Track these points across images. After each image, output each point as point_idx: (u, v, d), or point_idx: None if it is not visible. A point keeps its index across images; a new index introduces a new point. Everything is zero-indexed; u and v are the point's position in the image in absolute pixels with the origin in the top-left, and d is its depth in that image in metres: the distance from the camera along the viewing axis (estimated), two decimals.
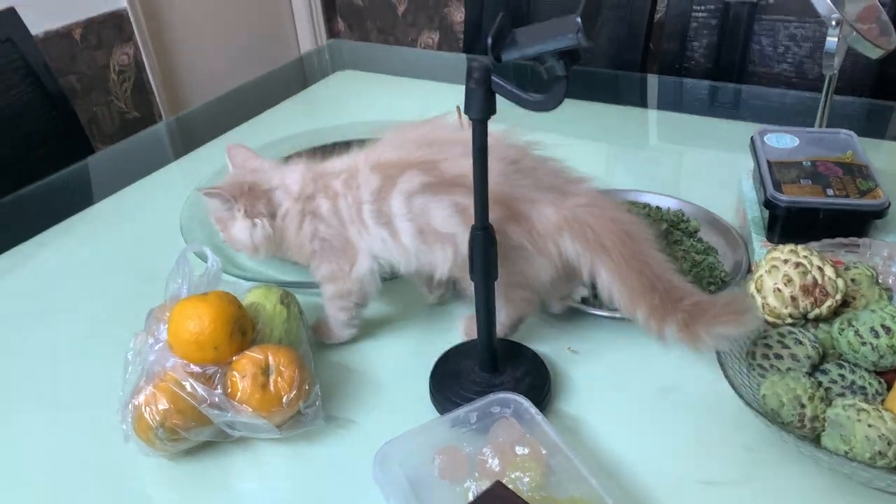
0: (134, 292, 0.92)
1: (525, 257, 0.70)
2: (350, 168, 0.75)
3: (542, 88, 0.56)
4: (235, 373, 0.69)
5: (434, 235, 0.72)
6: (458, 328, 0.81)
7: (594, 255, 0.68)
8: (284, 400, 0.68)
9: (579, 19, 0.48)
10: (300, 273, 0.86)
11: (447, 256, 0.72)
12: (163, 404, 0.66)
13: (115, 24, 2.26)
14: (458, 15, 2.85)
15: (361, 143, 0.92)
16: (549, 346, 0.79)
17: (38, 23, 1.73)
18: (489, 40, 0.52)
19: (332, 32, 3.14)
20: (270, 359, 0.70)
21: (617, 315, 0.80)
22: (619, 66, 1.54)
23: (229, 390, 0.68)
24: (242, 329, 0.71)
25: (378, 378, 0.78)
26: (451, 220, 0.70)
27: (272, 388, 0.69)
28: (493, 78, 0.55)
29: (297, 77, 1.69)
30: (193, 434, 0.68)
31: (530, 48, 0.51)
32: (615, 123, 1.32)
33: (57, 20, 2.10)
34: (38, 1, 1.99)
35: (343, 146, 0.83)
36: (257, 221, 0.77)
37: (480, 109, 0.57)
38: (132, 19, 2.30)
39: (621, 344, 0.79)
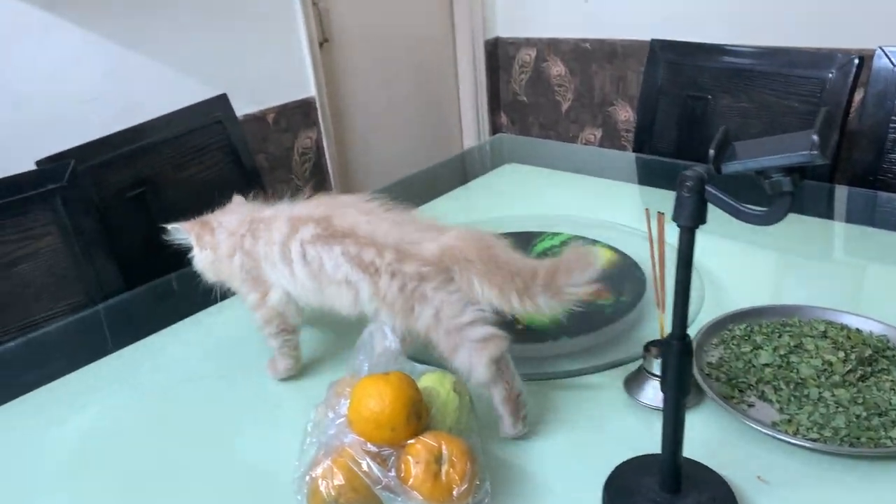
0: (312, 363, 0.97)
1: (436, 288, 0.79)
2: (275, 216, 0.90)
3: (747, 198, 0.54)
4: (410, 457, 0.69)
5: (327, 280, 0.84)
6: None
7: (464, 269, 0.79)
8: (455, 492, 0.67)
9: (816, 137, 0.46)
10: None
11: (345, 298, 0.84)
12: (339, 480, 0.67)
13: (302, 111, 2.48)
14: (622, 114, 2.87)
15: (521, 235, 1.13)
16: (736, 471, 0.73)
17: (241, 107, 1.93)
18: (711, 152, 0.52)
19: (494, 126, 3.26)
20: (444, 448, 0.69)
21: (811, 445, 0.74)
22: (804, 175, 1.47)
23: (402, 474, 0.69)
24: (418, 413, 0.72)
25: (547, 481, 0.75)
26: (343, 268, 0.82)
27: (444, 479, 0.68)
28: (708, 188, 0.54)
29: (460, 169, 1.76)
30: None
31: (755, 162, 0.50)
32: (798, 234, 1.25)
33: (257, 105, 2.34)
34: (244, 89, 2.23)
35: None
36: (204, 249, 0.95)
37: (691, 217, 0.56)
38: (318, 107, 2.51)
39: (817, 478, 0.72)
